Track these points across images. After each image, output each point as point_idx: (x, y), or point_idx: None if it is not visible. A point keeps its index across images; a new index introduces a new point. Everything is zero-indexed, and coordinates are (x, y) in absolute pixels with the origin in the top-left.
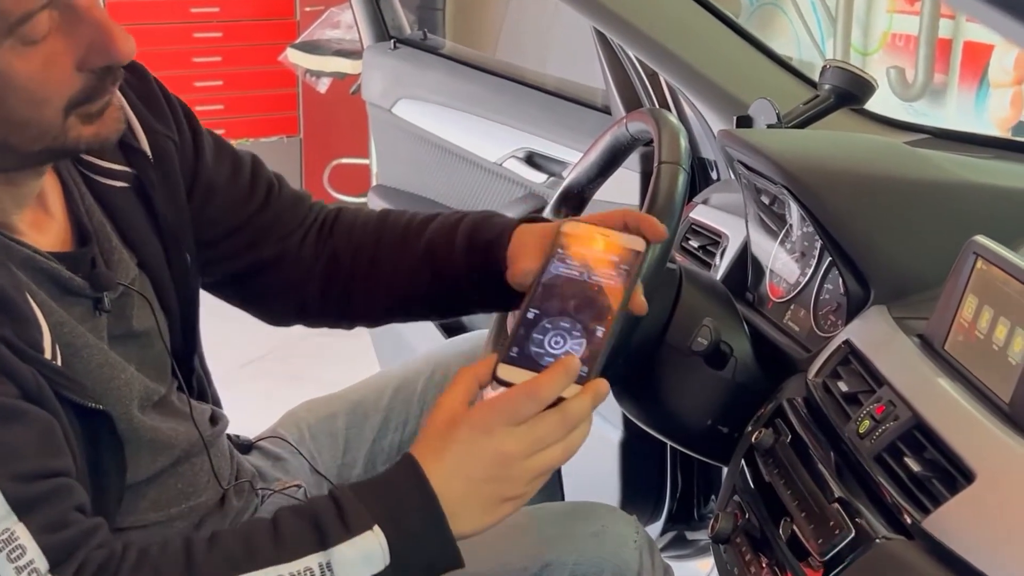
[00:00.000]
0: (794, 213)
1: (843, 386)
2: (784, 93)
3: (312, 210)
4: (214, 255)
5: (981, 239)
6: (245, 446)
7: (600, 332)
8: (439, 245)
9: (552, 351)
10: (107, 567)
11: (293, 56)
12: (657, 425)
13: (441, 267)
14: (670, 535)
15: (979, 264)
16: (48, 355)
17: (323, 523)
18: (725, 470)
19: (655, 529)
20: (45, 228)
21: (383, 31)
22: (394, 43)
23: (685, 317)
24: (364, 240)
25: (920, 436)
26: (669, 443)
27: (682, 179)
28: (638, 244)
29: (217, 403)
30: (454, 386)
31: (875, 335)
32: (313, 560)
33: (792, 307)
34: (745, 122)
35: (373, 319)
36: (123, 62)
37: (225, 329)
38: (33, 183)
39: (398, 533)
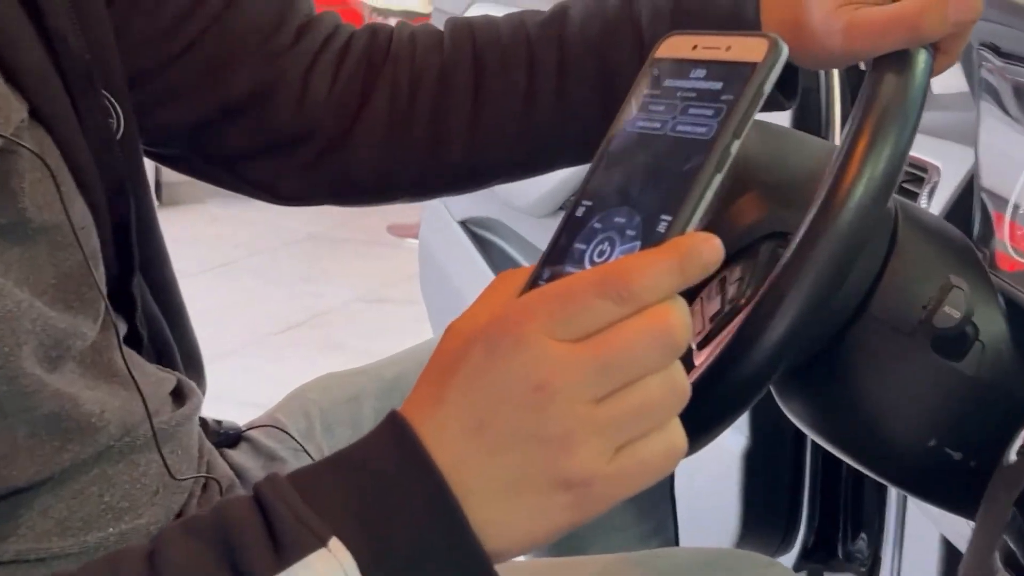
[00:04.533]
0: None
1: None
2: None
3: (316, 26)
4: (156, 95)
5: None
6: (231, 436)
7: (662, 225)
8: (611, 43)
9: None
10: None
11: None
12: (849, 446)
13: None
14: (803, 571)
15: None
16: None
17: (238, 546)
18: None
19: (787, 561)
20: None
21: None
22: None
23: (906, 277)
24: (452, 64)
25: None
26: (868, 472)
27: (923, 63)
28: (754, 49)
29: (194, 366)
30: (477, 301)
31: None
32: None
33: None
34: None
35: (480, 183)
36: None
37: (261, 291)
38: None
39: (374, 545)
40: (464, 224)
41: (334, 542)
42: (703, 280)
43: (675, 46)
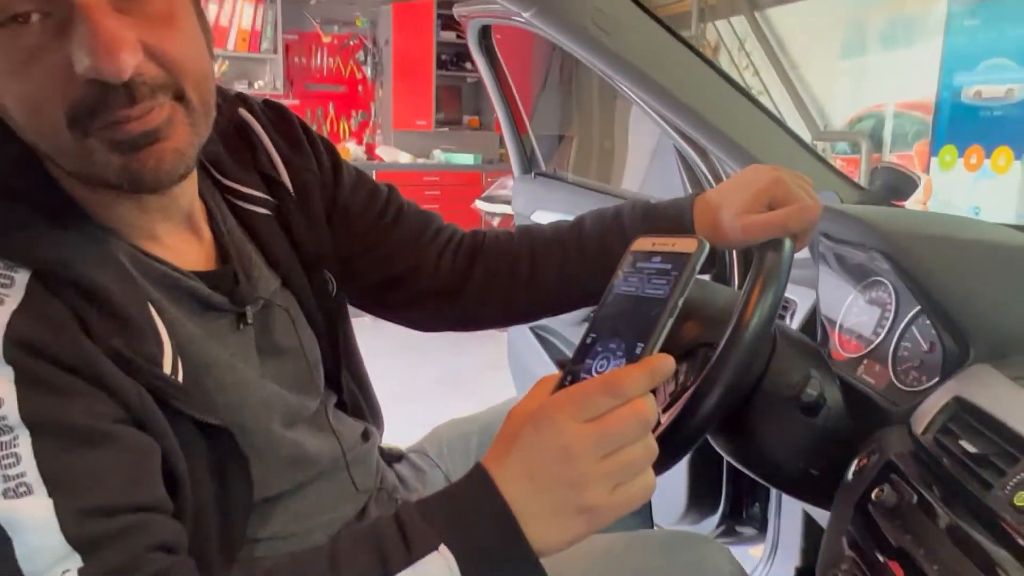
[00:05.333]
0: (887, 276)
1: (967, 446)
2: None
3: (444, 230)
4: (353, 271)
5: None
6: (396, 457)
7: (639, 349)
8: (608, 237)
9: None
10: None
11: (479, 204)
12: (752, 466)
13: (614, 256)
14: (723, 527)
15: None
16: (167, 370)
17: (385, 547)
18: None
19: (712, 522)
20: (191, 249)
21: (528, 167)
22: (535, 174)
23: (783, 368)
24: (519, 250)
25: None
26: (760, 480)
27: (788, 246)
28: (689, 245)
29: (376, 417)
30: (527, 395)
31: (995, 393)
32: None
33: (864, 363)
34: None
35: (536, 316)
36: (107, 78)
37: (425, 367)
38: (157, 201)
39: (467, 549)
40: (531, 328)
41: (443, 548)
42: None
43: (642, 243)
